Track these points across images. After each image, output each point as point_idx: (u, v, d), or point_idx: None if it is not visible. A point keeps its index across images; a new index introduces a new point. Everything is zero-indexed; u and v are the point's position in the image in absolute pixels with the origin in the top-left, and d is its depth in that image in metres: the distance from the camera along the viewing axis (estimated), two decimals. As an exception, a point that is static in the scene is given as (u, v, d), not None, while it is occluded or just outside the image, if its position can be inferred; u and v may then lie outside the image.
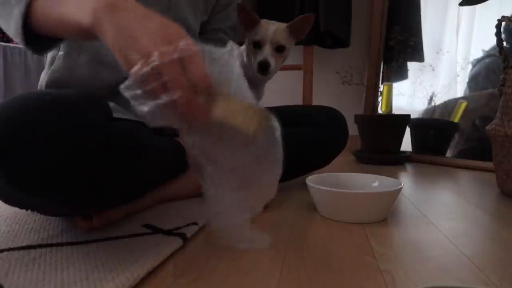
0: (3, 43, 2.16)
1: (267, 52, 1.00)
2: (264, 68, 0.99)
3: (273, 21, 1.04)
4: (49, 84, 0.67)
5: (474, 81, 1.71)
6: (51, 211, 0.56)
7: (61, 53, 0.67)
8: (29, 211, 0.63)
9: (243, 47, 1.11)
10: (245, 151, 0.41)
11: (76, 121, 0.42)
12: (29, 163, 0.39)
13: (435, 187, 0.97)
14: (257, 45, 1.02)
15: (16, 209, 0.64)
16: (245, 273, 0.41)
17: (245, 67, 1.07)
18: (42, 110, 0.40)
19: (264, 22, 1.03)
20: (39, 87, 0.71)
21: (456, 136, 1.64)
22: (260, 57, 1.00)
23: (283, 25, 1.04)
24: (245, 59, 1.09)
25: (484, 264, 0.44)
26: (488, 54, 1.69)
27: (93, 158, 0.43)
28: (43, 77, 0.69)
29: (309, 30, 1.06)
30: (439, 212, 0.69)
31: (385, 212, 0.63)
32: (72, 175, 0.42)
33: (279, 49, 1.03)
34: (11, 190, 0.43)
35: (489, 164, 1.18)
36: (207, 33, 0.89)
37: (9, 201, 0.50)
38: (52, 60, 0.68)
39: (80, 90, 0.51)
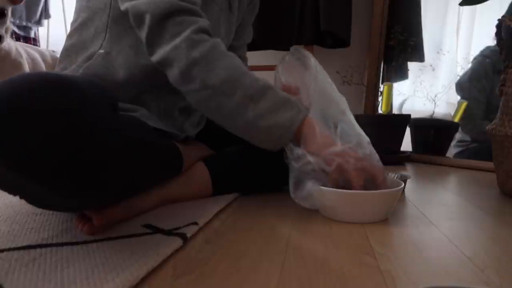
0: (3, 43, 2.16)
1: None
2: None
3: None
4: None
5: (459, 86, 1.73)
6: (45, 202, 0.55)
7: (101, 51, 0.67)
8: (29, 211, 0.63)
9: None
10: None
11: (81, 104, 0.42)
12: (28, 143, 0.39)
13: (435, 187, 0.97)
14: None
15: (16, 209, 0.64)
16: (245, 273, 0.41)
17: None
18: (46, 90, 0.40)
19: None
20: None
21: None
22: None
23: None
24: None
25: (484, 264, 0.44)
26: (481, 54, 1.70)
27: (92, 142, 0.43)
28: (74, 69, 0.68)
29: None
30: (439, 212, 0.69)
31: (385, 212, 0.63)
32: (71, 159, 0.42)
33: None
34: (10, 175, 0.42)
35: (489, 164, 1.18)
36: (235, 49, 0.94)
37: (7, 189, 0.50)
38: (90, 55, 0.68)
39: (89, 78, 0.51)
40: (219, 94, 0.61)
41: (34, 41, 2.51)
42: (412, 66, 1.76)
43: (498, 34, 0.88)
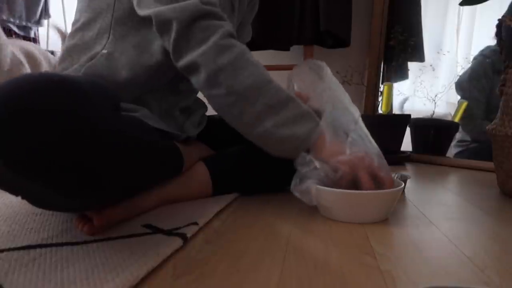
0: (3, 43, 2.15)
1: None
2: None
3: None
4: None
5: (459, 86, 1.73)
6: (46, 202, 0.55)
7: (104, 51, 0.67)
8: (29, 211, 0.63)
9: None
10: None
11: (82, 104, 0.42)
12: (29, 144, 0.39)
13: (435, 187, 0.97)
14: None
15: (16, 209, 0.64)
16: (245, 273, 0.41)
17: None
18: (47, 90, 0.40)
19: None
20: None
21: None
22: None
23: None
24: None
25: (484, 264, 0.44)
26: (480, 54, 1.70)
27: (93, 143, 0.43)
28: (75, 69, 0.68)
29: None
30: (439, 212, 0.69)
31: (385, 212, 0.63)
32: (72, 159, 0.42)
33: None
34: (10, 175, 0.42)
35: (489, 164, 1.18)
36: None
37: (8, 189, 0.50)
38: (93, 55, 0.68)
39: (91, 78, 0.51)
40: (242, 101, 0.62)
41: (34, 41, 2.51)
42: (412, 66, 1.76)
43: (498, 34, 0.88)
